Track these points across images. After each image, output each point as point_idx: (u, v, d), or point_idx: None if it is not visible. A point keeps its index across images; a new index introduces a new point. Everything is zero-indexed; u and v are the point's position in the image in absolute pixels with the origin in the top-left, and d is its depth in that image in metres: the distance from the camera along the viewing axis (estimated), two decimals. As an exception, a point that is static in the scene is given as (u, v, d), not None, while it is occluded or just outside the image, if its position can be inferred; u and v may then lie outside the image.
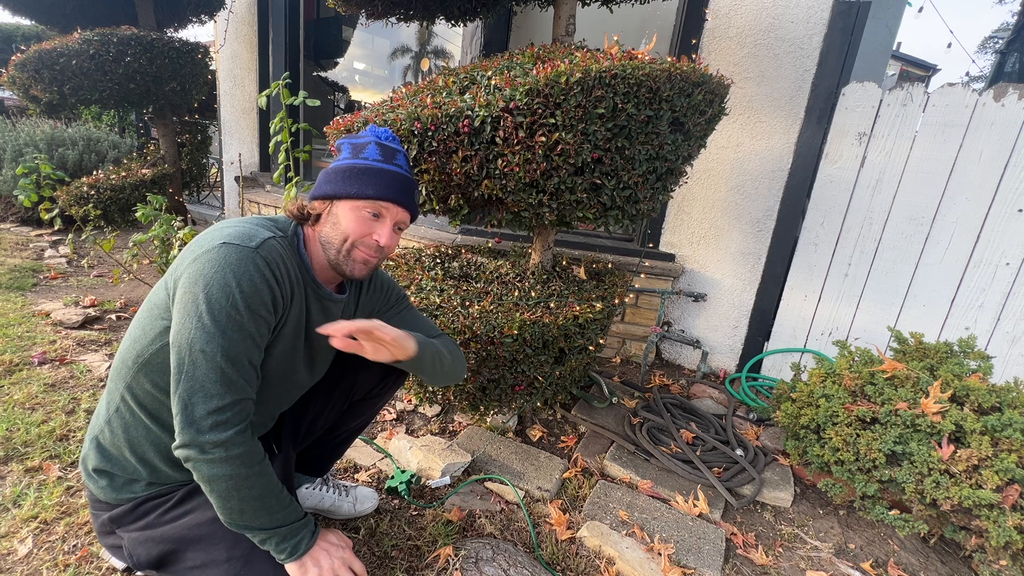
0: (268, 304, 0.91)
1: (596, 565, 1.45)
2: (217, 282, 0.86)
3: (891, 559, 1.62)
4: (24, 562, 1.25)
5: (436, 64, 5.64)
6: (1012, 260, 2.16)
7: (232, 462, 0.85)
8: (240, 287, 0.87)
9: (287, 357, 1.05)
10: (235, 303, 0.86)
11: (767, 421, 2.34)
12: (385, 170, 1.04)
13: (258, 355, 0.92)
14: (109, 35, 3.86)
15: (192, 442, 0.84)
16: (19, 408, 1.81)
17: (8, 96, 7.70)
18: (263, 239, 0.94)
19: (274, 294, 0.92)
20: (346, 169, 1.04)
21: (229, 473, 0.85)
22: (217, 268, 0.87)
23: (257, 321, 0.89)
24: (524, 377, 1.79)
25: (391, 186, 1.03)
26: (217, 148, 5.46)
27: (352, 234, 1.02)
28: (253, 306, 0.88)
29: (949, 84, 2.21)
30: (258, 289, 0.89)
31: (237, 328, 0.86)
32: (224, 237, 0.90)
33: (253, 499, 0.89)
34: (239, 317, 0.86)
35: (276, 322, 0.97)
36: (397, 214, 1.06)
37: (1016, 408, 1.50)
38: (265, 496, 0.90)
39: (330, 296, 1.10)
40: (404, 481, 1.64)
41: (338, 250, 1.03)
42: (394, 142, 1.11)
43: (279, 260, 0.95)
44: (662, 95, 1.50)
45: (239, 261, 0.88)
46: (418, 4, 2.28)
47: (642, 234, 3.05)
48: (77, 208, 3.77)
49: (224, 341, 0.85)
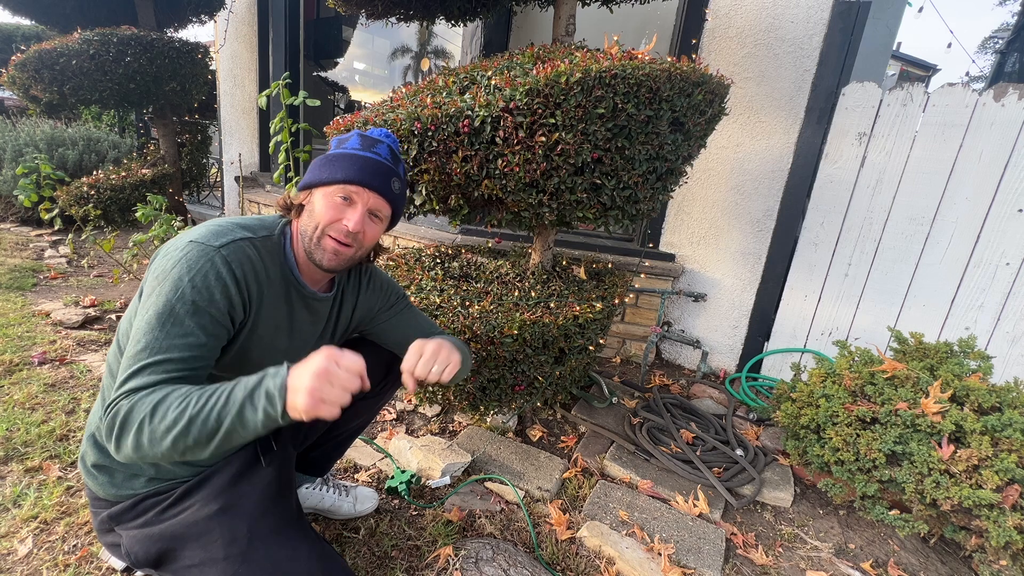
0: (219, 302, 0.91)
1: (596, 565, 1.45)
2: (172, 276, 0.88)
3: (891, 559, 1.62)
4: (24, 562, 1.25)
5: (436, 64, 5.64)
6: (1012, 260, 2.16)
7: (153, 402, 0.80)
8: (192, 282, 0.88)
9: (271, 356, 1.05)
10: (182, 295, 0.87)
11: (767, 421, 2.34)
12: (359, 155, 1.04)
13: (200, 351, 0.89)
14: (109, 35, 3.86)
15: (113, 399, 0.82)
16: (19, 408, 1.81)
17: (8, 96, 7.69)
18: (231, 239, 0.94)
19: (228, 293, 0.92)
20: (325, 158, 1.05)
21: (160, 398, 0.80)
22: (175, 263, 0.89)
23: (202, 319, 0.89)
24: (524, 377, 1.79)
25: (363, 170, 1.02)
26: (217, 148, 5.46)
27: (323, 220, 1.01)
28: (199, 302, 0.89)
29: (949, 84, 2.21)
30: (210, 287, 0.89)
31: (178, 325, 0.87)
32: (192, 235, 0.93)
33: (199, 411, 0.79)
34: (181, 313, 0.87)
35: (243, 320, 0.97)
36: (369, 199, 1.03)
37: (1016, 408, 1.50)
38: (211, 397, 0.81)
39: (313, 295, 1.10)
40: (404, 481, 1.64)
41: (310, 238, 1.03)
42: (385, 136, 1.10)
43: (244, 260, 0.95)
44: (662, 95, 1.50)
45: (197, 258, 0.90)
46: (418, 4, 2.28)
47: (642, 234, 3.05)
48: (77, 208, 3.76)
49: (161, 335, 0.86)
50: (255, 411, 0.79)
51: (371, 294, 1.26)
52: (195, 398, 0.80)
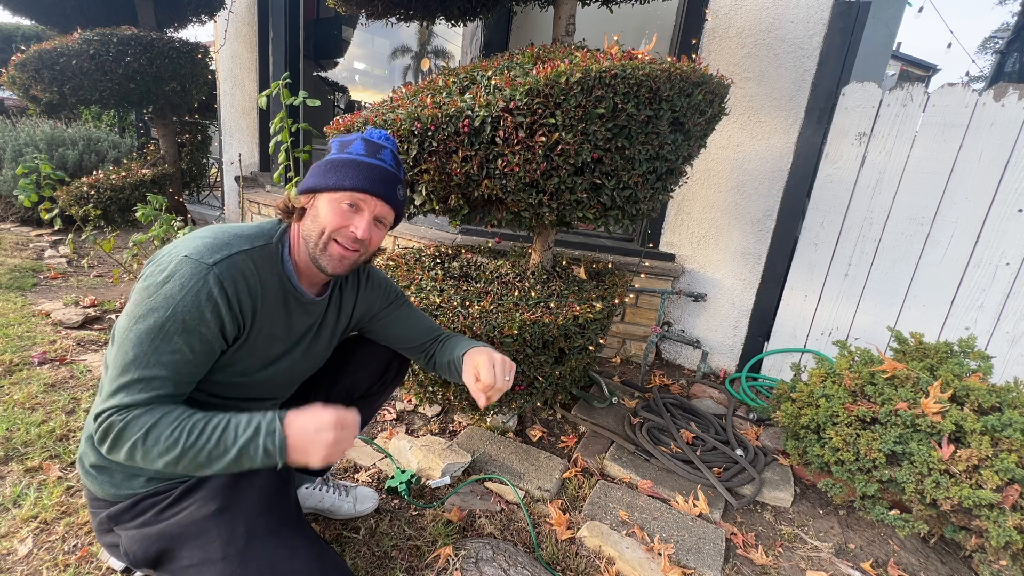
0: (210, 323, 0.91)
1: (596, 565, 1.45)
2: (163, 294, 0.88)
3: (891, 559, 1.62)
4: (24, 562, 1.25)
5: (436, 64, 5.64)
6: (1012, 260, 2.16)
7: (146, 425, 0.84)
8: (183, 301, 0.88)
9: (271, 357, 1.08)
10: (173, 315, 0.88)
11: (767, 421, 2.34)
12: (365, 163, 1.04)
13: (189, 368, 0.91)
14: (109, 35, 3.86)
15: (104, 410, 0.85)
16: (19, 408, 1.81)
17: (8, 96, 7.70)
18: (225, 255, 0.94)
19: (219, 312, 0.92)
20: (329, 163, 1.05)
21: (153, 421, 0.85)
22: (168, 278, 0.89)
23: (192, 338, 0.90)
24: (524, 377, 1.78)
25: (370, 178, 1.03)
26: (217, 148, 5.46)
27: (329, 226, 1.01)
28: (191, 324, 0.89)
29: (949, 84, 2.21)
30: (201, 307, 0.90)
31: (167, 342, 0.88)
32: (188, 249, 0.93)
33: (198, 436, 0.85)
34: (171, 331, 0.88)
35: (236, 335, 0.98)
36: (376, 207, 1.04)
37: (1016, 408, 1.50)
38: (202, 435, 0.85)
39: (311, 300, 1.11)
40: (404, 481, 1.64)
41: (315, 243, 1.03)
42: (386, 140, 1.10)
43: (239, 276, 0.95)
44: (662, 95, 1.50)
45: (190, 276, 0.90)
46: (418, 4, 2.28)
47: (642, 234, 3.05)
48: (77, 208, 3.76)
49: (148, 350, 0.87)
50: (252, 462, 0.86)
51: (370, 293, 1.27)
52: (187, 430, 0.85)
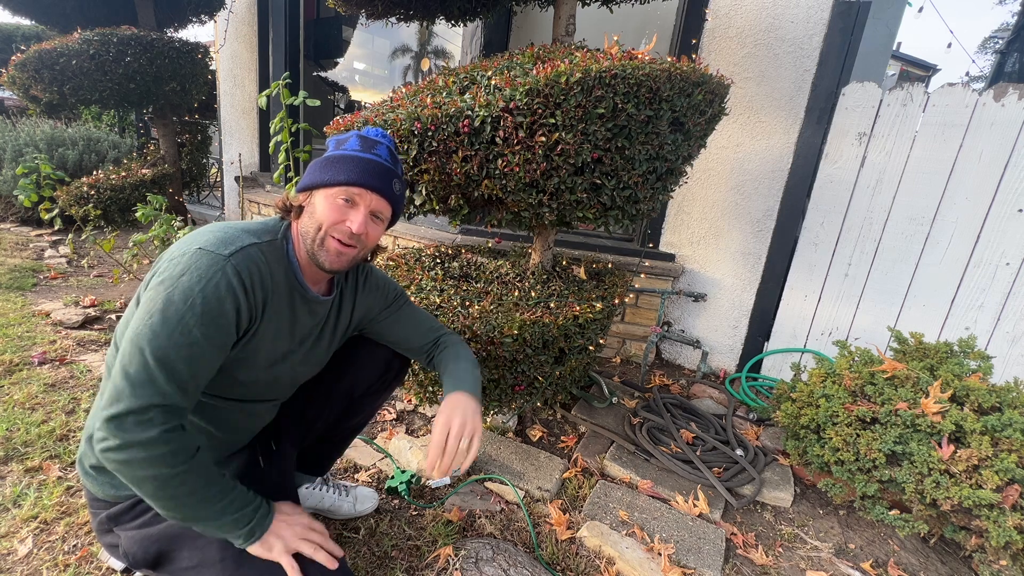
0: (228, 313, 0.90)
1: (596, 565, 1.45)
2: (181, 286, 0.85)
3: (891, 559, 1.62)
4: (24, 562, 1.25)
5: (436, 64, 5.65)
6: (1012, 260, 2.16)
7: (153, 463, 0.81)
8: (203, 294, 0.86)
9: (274, 357, 1.06)
10: (193, 307, 0.85)
11: (767, 421, 2.34)
12: (360, 157, 1.04)
13: (203, 363, 0.89)
14: (109, 35, 3.86)
15: (109, 436, 0.80)
16: (19, 408, 1.81)
17: (8, 96, 7.69)
18: (239, 247, 0.93)
19: (238, 304, 0.91)
20: (325, 160, 1.05)
21: (152, 474, 0.81)
22: (184, 272, 0.87)
23: (210, 329, 0.87)
24: (524, 377, 1.78)
25: (364, 171, 1.02)
26: (217, 148, 5.46)
27: (325, 221, 1.01)
28: (211, 314, 0.87)
29: (949, 84, 2.21)
30: (221, 298, 0.88)
31: (185, 335, 0.85)
32: (200, 242, 0.91)
33: (186, 495, 0.84)
34: (190, 323, 0.85)
35: (247, 328, 0.96)
36: (372, 201, 1.04)
37: (1016, 408, 1.50)
38: (199, 491, 0.85)
39: (316, 298, 1.10)
40: (404, 481, 1.64)
41: (313, 239, 1.03)
42: (382, 137, 1.10)
43: (253, 268, 0.94)
44: (662, 95, 1.50)
45: (208, 267, 0.88)
46: (418, 4, 2.28)
47: (642, 234, 3.05)
48: (77, 208, 3.76)
49: (166, 344, 0.83)
50: (228, 533, 0.91)
51: (369, 293, 1.26)
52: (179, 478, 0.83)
